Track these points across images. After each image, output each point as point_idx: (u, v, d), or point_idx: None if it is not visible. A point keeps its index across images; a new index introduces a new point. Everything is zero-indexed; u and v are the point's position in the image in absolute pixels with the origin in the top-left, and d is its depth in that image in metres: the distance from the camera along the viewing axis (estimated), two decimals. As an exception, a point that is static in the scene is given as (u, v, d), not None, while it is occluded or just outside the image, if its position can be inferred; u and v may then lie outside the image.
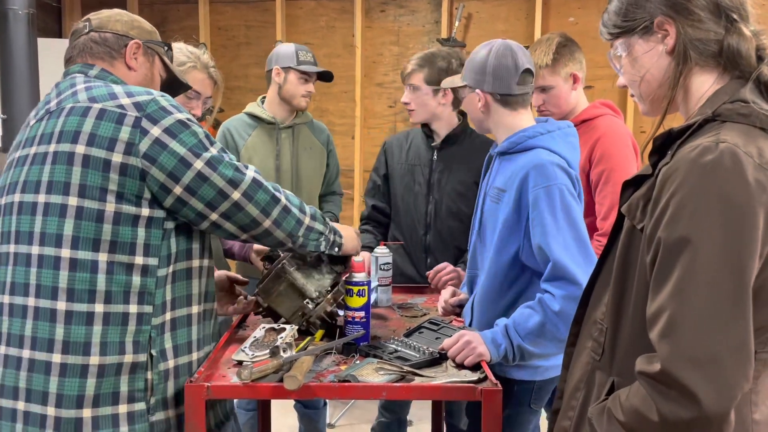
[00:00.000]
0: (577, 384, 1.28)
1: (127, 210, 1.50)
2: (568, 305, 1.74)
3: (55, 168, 1.50)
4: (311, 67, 2.93)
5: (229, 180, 1.57)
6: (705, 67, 1.16)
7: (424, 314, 2.22)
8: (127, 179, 1.49)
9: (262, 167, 2.87)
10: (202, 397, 1.55)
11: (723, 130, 1.06)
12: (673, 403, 0.99)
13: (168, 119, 1.53)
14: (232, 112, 5.02)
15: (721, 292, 0.99)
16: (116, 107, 1.51)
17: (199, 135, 1.56)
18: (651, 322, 1.05)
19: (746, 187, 1.00)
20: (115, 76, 1.65)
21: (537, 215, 1.81)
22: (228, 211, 1.58)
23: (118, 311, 1.51)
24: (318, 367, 1.69)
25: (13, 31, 3.82)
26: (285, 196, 1.68)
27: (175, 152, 1.51)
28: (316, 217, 1.75)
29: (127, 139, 1.49)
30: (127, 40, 1.68)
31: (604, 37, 1.27)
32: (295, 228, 1.69)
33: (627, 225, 1.18)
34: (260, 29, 4.92)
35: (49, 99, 1.63)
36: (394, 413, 2.83)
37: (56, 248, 1.49)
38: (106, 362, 1.49)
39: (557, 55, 2.43)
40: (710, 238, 1.00)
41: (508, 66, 1.91)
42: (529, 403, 2.00)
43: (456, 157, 2.61)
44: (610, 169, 2.34)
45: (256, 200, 1.61)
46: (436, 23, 4.71)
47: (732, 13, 1.14)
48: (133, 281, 1.52)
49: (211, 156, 1.55)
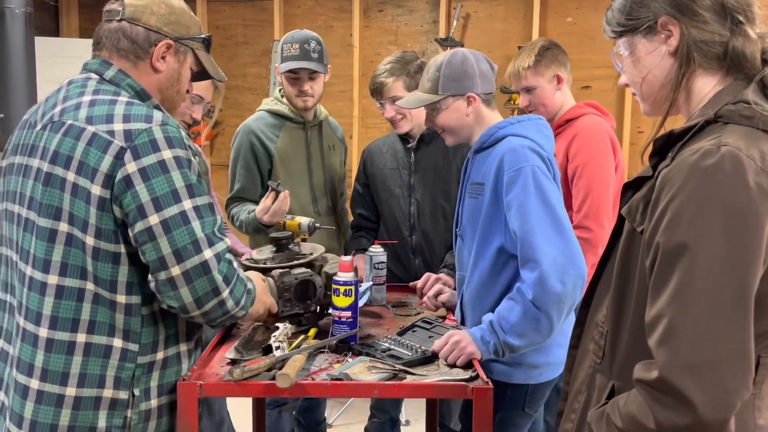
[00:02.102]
0: (580, 387, 1.27)
1: (105, 247, 1.44)
2: (539, 291, 1.73)
3: (47, 191, 1.44)
4: (287, 65, 2.58)
5: (176, 250, 1.42)
6: (708, 69, 1.14)
7: (418, 313, 2.23)
8: (105, 214, 1.42)
9: (296, 171, 2.70)
10: (195, 395, 1.55)
11: (725, 133, 1.04)
12: (669, 411, 0.98)
13: (150, 157, 1.42)
14: (230, 111, 5.05)
15: (721, 298, 0.98)
16: (107, 133, 1.42)
17: (176, 183, 1.43)
18: (649, 328, 1.04)
19: (747, 192, 0.98)
20: (132, 80, 1.55)
21: (511, 198, 1.81)
22: (161, 284, 1.44)
23: (101, 343, 1.46)
24: (311, 366, 1.69)
25: (10, 30, 3.82)
26: (231, 287, 1.49)
27: (137, 197, 1.41)
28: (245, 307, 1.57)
29: (106, 171, 1.41)
30: (159, 38, 1.56)
31: (608, 35, 1.26)
32: (219, 317, 1.52)
33: (627, 227, 1.17)
34: (258, 28, 4.92)
35: (56, 102, 1.53)
36: (387, 413, 2.83)
37: (43, 274, 1.44)
38: (83, 395, 1.45)
39: (539, 57, 2.50)
40: (710, 244, 0.98)
41: (487, 65, 1.99)
42: (522, 406, 1.98)
43: (432, 155, 2.60)
44: (584, 163, 2.40)
45: (193, 285, 1.43)
46: (434, 23, 4.71)
47: (738, 14, 1.12)
48: (117, 317, 1.47)
49: (174, 215, 1.42)
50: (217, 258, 1.46)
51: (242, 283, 1.55)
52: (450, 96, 1.96)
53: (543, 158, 1.86)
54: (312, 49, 2.58)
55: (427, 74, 2.00)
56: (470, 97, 1.96)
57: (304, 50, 2.57)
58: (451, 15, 4.62)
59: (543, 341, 1.80)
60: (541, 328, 1.76)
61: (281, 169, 2.68)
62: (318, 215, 2.72)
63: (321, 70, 2.62)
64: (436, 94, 1.97)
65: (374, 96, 2.59)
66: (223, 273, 1.47)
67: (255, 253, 2.08)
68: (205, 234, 1.45)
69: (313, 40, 2.60)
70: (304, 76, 2.61)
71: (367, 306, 2.28)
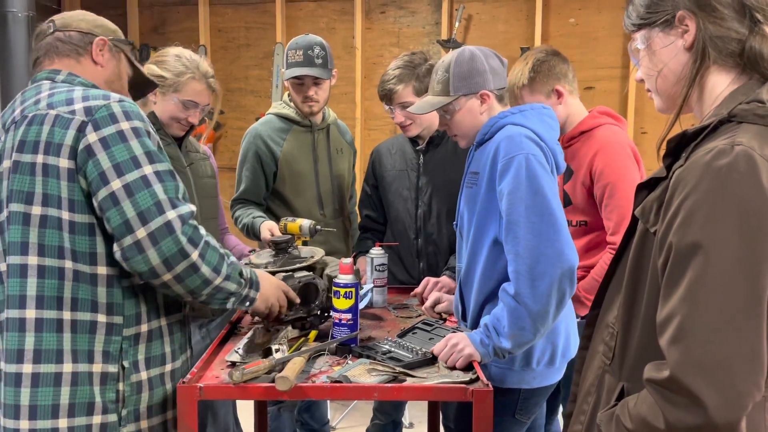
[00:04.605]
0: (589, 388, 1.26)
1: (80, 219, 1.48)
2: (522, 285, 1.69)
3: (16, 178, 1.48)
4: (291, 71, 2.61)
5: (140, 212, 1.44)
6: (723, 66, 1.13)
7: (418, 315, 2.22)
8: (75, 185, 1.47)
9: (302, 173, 2.71)
10: (195, 397, 1.55)
11: (739, 132, 1.03)
12: (680, 411, 0.97)
13: (109, 128, 1.48)
14: (232, 114, 5.06)
15: (734, 297, 0.97)
16: (68, 113, 1.49)
17: (135, 151, 1.48)
18: (661, 327, 1.03)
19: (761, 192, 0.98)
20: (82, 78, 1.63)
21: (504, 186, 1.77)
22: (127, 250, 1.45)
23: (86, 319, 1.49)
24: (311, 368, 1.69)
25: (13, 33, 3.83)
26: (200, 251, 1.50)
27: (99, 164, 1.45)
28: (230, 277, 1.57)
29: (71, 144, 1.47)
30: (92, 37, 1.67)
31: (627, 29, 1.24)
32: (200, 287, 1.52)
33: (640, 228, 1.16)
34: (260, 31, 4.93)
35: (13, 108, 1.60)
36: (388, 415, 2.82)
37: (22, 256, 1.46)
38: (79, 370, 1.48)
39: (533, 74, 2.37)
40: (723, 244, 0.98)
41: (497, 60, 1.93)
42: (513, 413, 1.93)
43: (442, 158, 2.59)
44: (613, 183, 2.27)
45: (159, 247, 1.44)
46: (436, 24, 4.71)
47: (757, 13, 1.11)
48: (98, 291, 1.50)
49: (135, 179, 1.46)
50: (180, 219, 1.48)
51: (215, 251, 1.54)
52: (462, 96, 1.90)
53: (541, 147, 1.81)
54: (316, 54, 2.59)
55: (436, 76, 1.95)
56: (483, 95, 1.90)
57: (308, 56, 2.58)
58: (453, 16, 4.62)
59: (533, 338, 1.74)
60: (526, 325, 1.70)
61: (287, 171, 2.70)
62: (324, 218, 2.73)
63: (324, 76, 2.62)
64: (447, 96, 1.91)
65: (383, 101, 2.59)
66: (188, 235, 1.48)
67: (254, 257, 2.08)
68: (167, 196, 1.48)
69: (317, 46, 2.60)
70: (308, 82, 2.63)
71: (368, 308, 2.28)
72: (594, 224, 2.36)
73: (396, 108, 2.53)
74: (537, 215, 1.71)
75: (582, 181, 2.34)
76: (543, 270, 1.68)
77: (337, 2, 4.83)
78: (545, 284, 1.68)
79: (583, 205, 2.36)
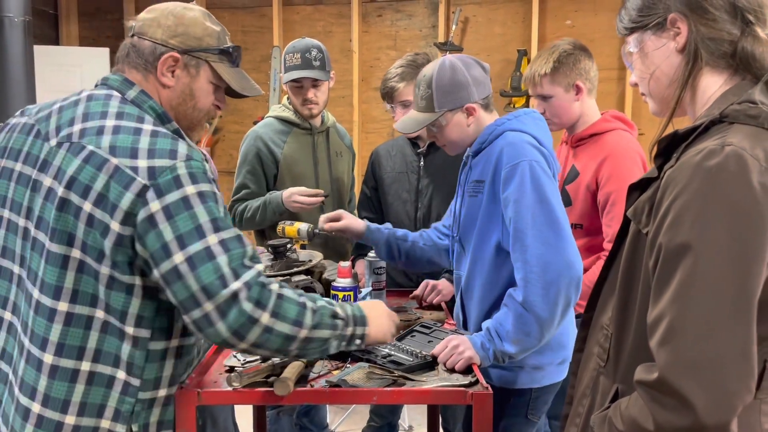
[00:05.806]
0: (584, 390, 1.26)
1: (120, 277, 1.40)
2: (529, 292, 1.70)
3: (61, 217, 1.39)
4: (290, 75, 2.64)
5: (203, 287, 1.36)
6: (715, 68, 1.13)
7: (417, 318, 2.22)
8: (121, 248, 1.38)
9: (302, 175, 2.73)
10: (193, 403, 1.54)
11: (730, 133, 1.03)
12: (669, 412, 0.97)
13: (173, 194, 1.37)
14: (230, 117, 5.06)
15: (723, 298, 0.96)
16: (130, 169, 1.37)
17: (200, 218, 1.37)
18: (651, 329, 1.02)
19: (751, 192, 0.97)
20: (153, 102, 1.50)
21: (509, 194, 1.77)
22: (198, 322, 1.38)
23: (105, 372, 1.43)
24: (309, 372, 1.68)
25: (9, 38, 3.83)
26: (272, 310, 1.40)
27: (161, 236, 1.36)
28: (320, 324, 1.47)
29: (126, 209, 1.36)
30: (164, 50, 1.51)
31: (620, 33, 1.25)
32: (284, 345, 1.43)
33: (632, 229, 1.16)
34: (257, 34, 4.93)
35: (73, 117, 1.46)
36: (384, 418, 2.83)
37: (53, 300, 1.40)
38: (82, 423, 1.43)
39: (557, 65, 2.34)
40: (713, 244, 0.97)
41: (478, 69, 1.91)
42: (525, 414, 1.94)
43: (442, 161, 2.59)
44: (618, 191, 2.24)
45: (227, 319, 1.37)
46: (433, 27, 4.72)
47: (749, 14, 1.11)
48: (123, 347, 1.44)
49: (199, 251, 1.36)
50: (246, 286, 1.38)
51: (291, 302, 1.44)
52: (447, 111, 1.88)
53: (543, 153, 1.82)
54: (313, 57, 2.61)
55: (419, 91, 1.91)
56: (469, 108, 1.89)
57: (306, 59, 2.61)
58: (450, 19, 4.63)
59: (538, 344, 1.76)
60: (532, 331, 1.72)
61: (287, 174, 2.71)
62: None
63: (323, 78, 2.65)
64: (432, 112, 1.89)
65: (385, 99, 2.61)
66: (254, 299, 1.39)
67: None
68: (231, 267, 1.38)
69: (314, 49, 2.62)
70: (307, 84, 2.65)
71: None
72: (590, 228, 2.34)
73: (397, 107, 2.55)
74: (544, 224, 1.73)
75: (587, 184, 2.32)
76: (552, 278, 1.70)
77: (334, 6, 4.84)
78: (554, 292, 1.70)
79: (583, 209, 2.35)
